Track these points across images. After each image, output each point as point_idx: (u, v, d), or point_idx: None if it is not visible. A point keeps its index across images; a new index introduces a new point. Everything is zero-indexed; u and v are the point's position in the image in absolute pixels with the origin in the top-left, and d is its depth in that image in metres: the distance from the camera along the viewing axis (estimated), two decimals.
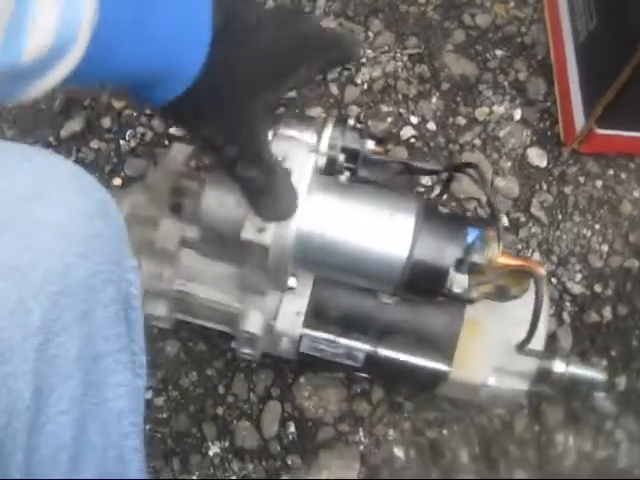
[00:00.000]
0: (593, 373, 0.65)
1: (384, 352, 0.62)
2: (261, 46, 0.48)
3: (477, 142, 0.83)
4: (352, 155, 0.56)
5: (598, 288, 0.79)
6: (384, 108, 0.84)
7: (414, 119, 0.84)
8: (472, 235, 0.56)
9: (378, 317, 0.62)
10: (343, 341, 0.62)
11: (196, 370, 0.76)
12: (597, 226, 0.81)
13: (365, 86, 0.86)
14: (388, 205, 0.56)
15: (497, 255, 0.56)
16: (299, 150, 0.54)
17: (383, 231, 0.55)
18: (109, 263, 0.37)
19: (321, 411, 0.74)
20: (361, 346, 0.62)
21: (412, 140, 0.83)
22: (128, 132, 0.82)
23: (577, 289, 0.79)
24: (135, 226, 0.61)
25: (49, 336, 0.33)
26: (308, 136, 0.55)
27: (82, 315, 0.35)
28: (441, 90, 0.86)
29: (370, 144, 0.56)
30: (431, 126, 0.84)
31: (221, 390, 0.75)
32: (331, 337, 0.62)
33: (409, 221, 0.55)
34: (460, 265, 0.55)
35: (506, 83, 0.86)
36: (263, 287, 0.60)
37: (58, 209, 0.34)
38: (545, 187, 0.82)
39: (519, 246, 0.79)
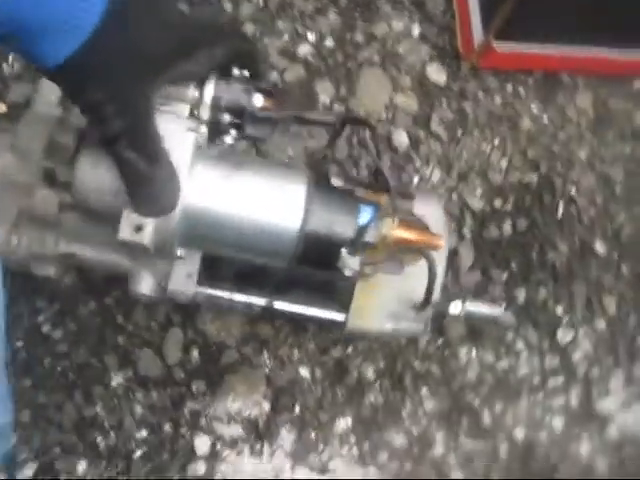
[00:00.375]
0: (490, 309, 0.75)
1: (280, 305, 0.69)
2: (169, 16, 0.52)
3: (376, 58, 0.93)
4: (238, 112, 0.57)
5: (498, 203, 0.92)
6: (281, 25, 0.93)
7: (311, 36, 0.93)
8: (365, 211, 0.59)
9: (272, 272, 0.67)
10: (238, 297, 0.69)
11: (94, 299, 0.84)
12: (496, 141, 0.94)
13: (261, 2, 0.94)
14: (277, 176, 0.59)
15: (392, 232, 0.60)
16: (177, 127, 0.56)
17: (274, 204, 0.58)
18: None
19: (224, 334, 0.84)
20: (257, 301, 0.69)
21: (309, 58, 0.92)
22: (11, 55, 0.89)
23: (477, 204, 0.91)
24: (9, 192, 0.65)
25: None
26: (186, 109, 0.57)
27: None
28: (339, 6, 0.95)
29: (257, 99, 0.57)
30: (329, 43, 0.93)
31: (120, 319, 0.84)
32: (226, 294, 0.69)
33: (300, 193, 0.59)
34: (352, 245, 0.59)
35: None
36: (150, 254, 0.62)
37: None
38: (445, 103, 0.93)
39: (418, 163, 0.94)
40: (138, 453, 0.82)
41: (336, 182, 0.61)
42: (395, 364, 0.88)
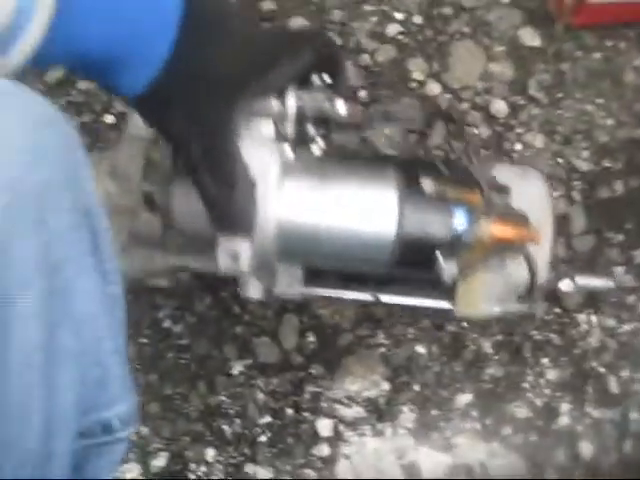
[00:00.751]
0: (602, 282, 0.73)
1: (386, 298, 0.69)
2: (239, 36, 0.51)
3: (466, 30, 0.92)
4: (323, 120, 0.58)
5: (607, 163, 0.89)
6: (367, 8, 0.93)
7: (399, 15, 0.94)
8: (459, 215, 0.58)
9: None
10: (344, 294, 0.69)
11: (210, 294, 0.88)
12: (600, 100, 0.91)
13: None
14: (368, 185, 0.59)
15: (488, 232, 0.59)
16: (262, 153, 0.57)
17: (366, 212, 0.59)
18: (61, 171, 0.41)
19: (338, 318, 0.86)
20: (363, 296, 0.69)
21: (399, 37, 0.93)
22: None
23: (585, 166, 0.89)
24: (114, 217, 0.62)
25: (4, 245, 0.38)
26: (269, 124, 0.58)
27: (38, 223, 0.39)
28: None
29: (341, 106, 0.57)
30: (417, 20, 0.93)
31: (237, 310, 0.88)
32: (332, 292, 0.69)
33: (392, 199, 0.58)
34: (448, 252, 0.58)
35: None
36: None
37: None
38: (542, 67, 0.91)
39: (520, 130, 0.92)
40: (263, 438, 0.85)
41: (427, 185, 0.60)
42: (512, 336, 0.87)
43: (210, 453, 0.84)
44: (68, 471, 0.47)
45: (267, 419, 0.85)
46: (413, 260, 0.60)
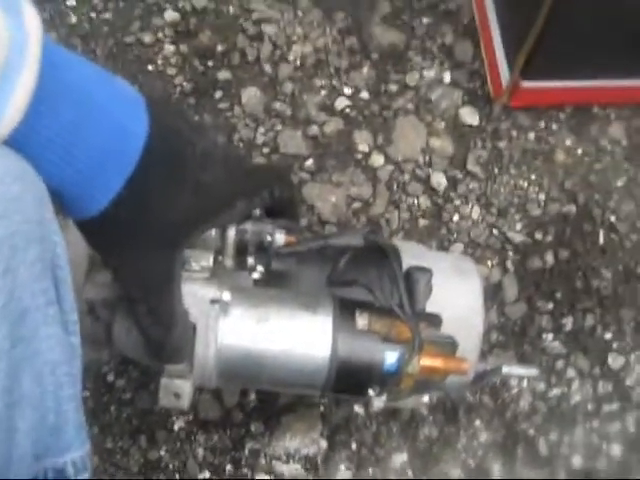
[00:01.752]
0: (526, 370, 0.76)
1: None
2: (194, 182, 0.52)
3: (410, 106, 0.99)
4: (262, 249, 0.62)
5: (539, 235, 0.95)
6: (317, 82, 1.00)
7: (347, 90, 1.00)
8: (389, 354, 0.62)
9: None
10: None
11: None
12: (533, 176, 0.97)
13: (298, 62, 1.01)
14: (305, 315, 0.63)
15: (417, 368, 0.61)
16: (202, 307, 0.60)
17: (304, 339, 0.62)
18: (30, 223, 0.42)
19: None
20: None
21: (347, 110, 0.98)
22: None
23: (518, 238, 0.94)
24: None
25: None
26: (210, 291, 0.61)
27: (4, 271, 0.41)
28: (372, 60, 1.01)
29: (280, 237, 0.62)
30: (364, 95, 1.00)
31: None
32: None
33: (327, 326, 0.62)
34: (378, 388, 0.63)
35: (434, 48, 1.02)
36: None
37: None
38: (479, 144, 0.98)
39: (458, 202, 0.99)
40: None
41: (361, 319, 0.63)
42: (446, 397, 0.90)
43: None
44: None
45: (206, 475, 0.87)
46: (346, 387, 0.64)
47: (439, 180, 0.96)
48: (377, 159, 0.97)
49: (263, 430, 0.89)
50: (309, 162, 0.96)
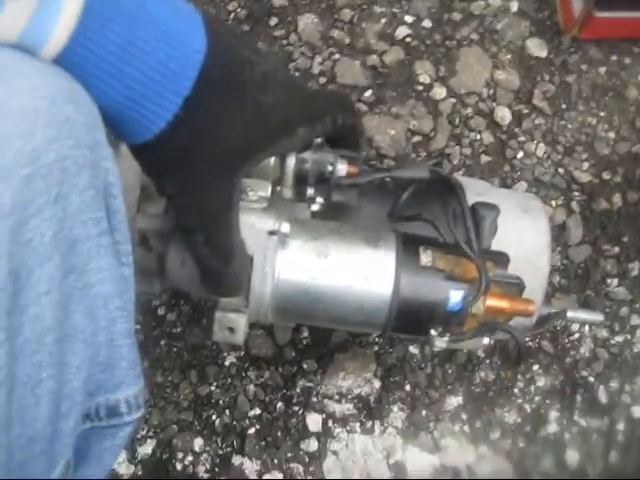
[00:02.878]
0: (591, 315, 0.73)
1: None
2: (253, 103, 0.49)
3: (474, 37, 0.94)
4: (323, 180, 0.58)
5: (606, 175, 0.90)
6: (377, 9, 0.95)
7: (409, 18, 0.95)
8: (455, 296, 0.59)
9: None
10: None
11: None
12: (602, 113, 0.92)
13: None
14: (367, 249, 0.60)
15: (482, 309, 0.59)
16: (259, 238, 0.58)
17: (364, 276, 0.60)
18: (82, 147, 0.41)
19: None
20: None
21: (408, 39, 0.94)
22: None
23: (585, 177, 0.90)
24: None
25: (22, 219, 0.38)
26: (269, 222, 0.58)
27: (56, 198, 0.39)
28: None
29: (342, 169, 0.58)
30: (426, 24, 0.95)
31: None
32: None
33: (390, 264, 0.60)
34: (441, 328, 0.60)
35: None
36: None
37: (21, 94, 0.38)
38: (547, 77, 0.93)
39: (522, 138, 0.94)
40: (252, 430, 0.85)
41: (425, 256, 0.61)
42: (505, 340, 0.88)
43: (198, 443, 0.85)
44: (71, 452, 0.47)
45: (257, 411, 0.86)
46: (407, 326, 0.62)
47: (503, 115, 0.92)
48: (439, 91, 0.92)
49: (316, 368, 0.87)
50: (367, 93, 0.93)
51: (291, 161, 0.58)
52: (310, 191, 0.59)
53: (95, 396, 0.48)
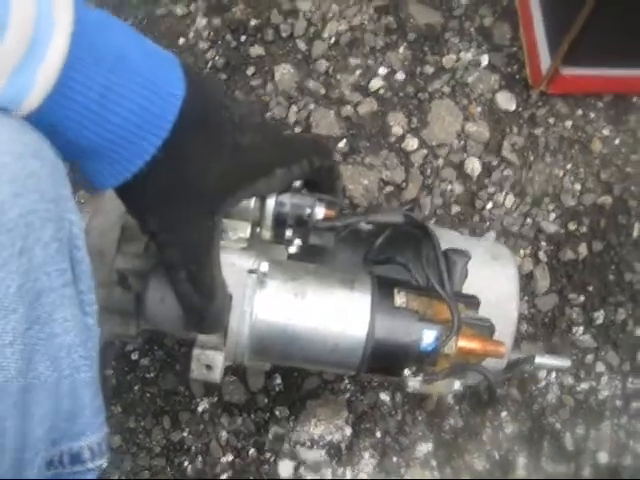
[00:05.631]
0: (558, 361, 0.74)
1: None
2: (232, 146, 0.51)
3: (446, 89, 0.95)
4: (301, 223, 0.59)
5: (572, 226, 0.92)
6: (352, 61, 0.96)
7: (382, 70, 0.96)
8: (428, 337, 0.60)
9: None
10: None
11: None
12: (569, 165, 0.94)
13: (332, 40, 0.98)
14: (343, 292, 0.61)
15: (454, 349, 0.60)
16: (239, 277, 0.58)
17: (340, 316, 0.61)
18: (46, 202, 0.42)
19: None
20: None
21: (381, 91, 0.95)
22: None
23: (552, 228, 0.92)
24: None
25: None
26: (248, 261, 0.59)
27: (20, 251, 0.40)
28: (408, 40, 0.98)
29: (320, 211, 0.59)
30: (400, 76, 0.96)
31: None
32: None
33: (365, 306, 0.60)
34: (414, 368, 0.61)
35: (472, 30, 0.98)
36: None
37: None
38: (515, 130, 0.94)
39: (492, 189, 0.96)
40: (224, 477, 0.85)
41: (399, 297, 0.62)
42: (474, 387, 0.89)
43: None
44: None
45: (229, 458, 0.86)
46: (381, 366, 0.62)
47: (473, 166, 0.93)
48: (411, 142, 0.94)
49: (288, 415, 0.87)
50: (341, 143, 0.94)
51: (270, 203, 0.58)
52: (288, 233, 0.60)
53: (58, 444, 0.48)
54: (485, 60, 0.98)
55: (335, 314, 0.61)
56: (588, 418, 0.89)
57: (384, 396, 0.88)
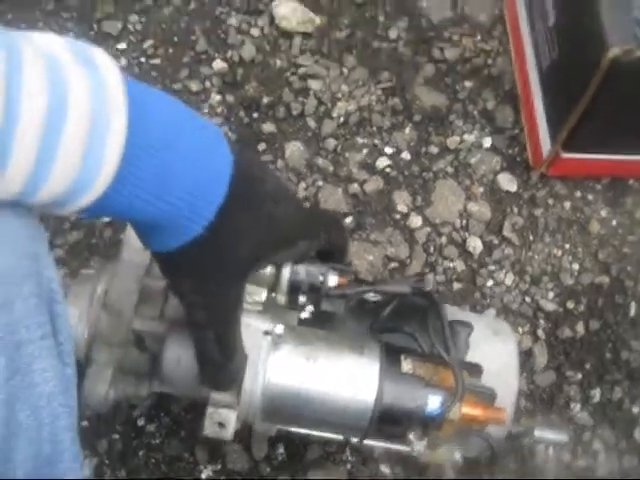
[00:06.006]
0: (557, 435, 0.76)
1: (354, 440, 0.70)
2: (267, 218, 0.53)
3: (449, 169, 1.00)
4: (314, 290, 0.62)
5: (570, 305, 0.95)
6: (360, 140, 1.01)
7: (389, 149, 1.01)
8: (432, 399, 0.63)
9: None
10: (315, 433, 0.71)
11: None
12: (567, 246, 0.98)
13: (341, 119, 1.02)
14: (352, 358, 0.65)
15: (458, 414, 0.63)
16: (254, 338, 0.62)
17: (349, 381, 0.64)
18: (25, 259, 0.44)
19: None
20: (334, 437, 0.72)
21: (387, 170, 0.99)
22: None
23: (550, 306, 0.95)
24: (104, 352, 0.68)
25: None
26: (264, 324, 0.63)
27: (2, 306, 0.42)
28: (414, 121, 1.02)
29: (332, 280, 0.62)
30: (405, 156, 1.00)
31: None
32: (307, 431, 0.71)
33: (373, 374, 0.64)
34: (419, 431, 0.64)
35: (475, 113, 1.03)
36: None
37: None
38: (516, 210, 0.98)
39: (492, 267, 0.99)
40: None
41: (405, 364, 0.65)
42: (474, 461, 0.90)
43: None
44: None
45: None
46: (388, 429, 0.65)
47: (475, 244, 0.96)
48: (415, 220, 0.97)
49: None
50: (348, 219, 0.97)
51: (287, 271, 0.61)
52: (302, 299, 0.63)
53: None
54: (488, 142, 1.02)
55: (345, 379, 0.64)
56: None
57: (384, 468, 0.89)
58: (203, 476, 0.88)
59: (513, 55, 1.06)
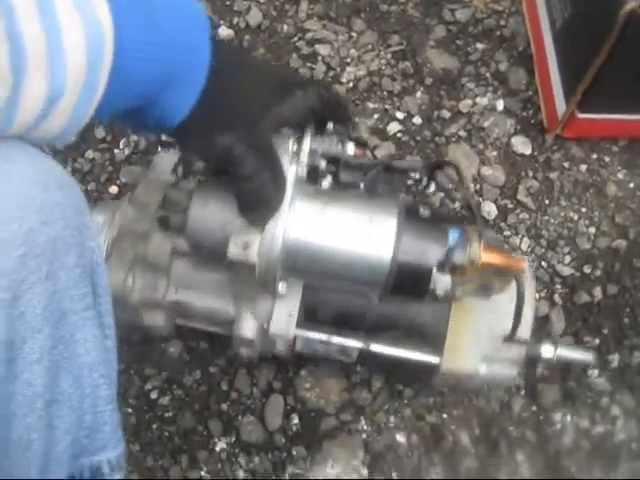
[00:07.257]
0: (581, 354, 0.76)
1: (376, 347, 0.73)
2: (260, 68, 0.59)
3: (462, 134, 0.97)
4: (333, 160, 0.64)
5: (587, 269, 0.93)
6: (370, 105, 0.98)
7: (400, 114, 0.98)
8: (453, 235, 0.64)
9: (368, 314, 0.71)
10: (335, 339, 0.73)
11: (199, 368, 0.88)
12: (583, 209, 0.95)
13: (351, 85, 0.99)
14: (369, 209, 0.64)
15: (479, 254, 0.63)
16: (283, 158, 0.62)
17: (366, 235, 0.63)
18: (70, 229, 0.45)
19: (323, 402, 0.87)
20: (353, 343, 0.73)
21: (399, 135, 0.97)
22: (122, 141, 0.98)
23: (567, 271, 0.93)
24: (127, 240, 0.72)
25: (16, 294, 0.41)
26: (289, 146, 0.63)
27: (47, 275, 0.43)
28: (425, 85, 1.00)
29: (350, 148, 0.64)
30: (417, 120, 0.98)
31: (224, 387, 0.88)
32: (324, 337, 0.73)
33: (391, 224, 0.63)
34: (442, 266, 0.63)
35: (488, 75, 1.00)
36: (254, 294, 0.69)
37: (16, 182, 0.42)
38: (531, 174, 0.96)
39: (507, 232, 0.97)
40: None
41: (424, 213, 0.66)
42: (490, 430, 0.89)
43: None
44: None
45: None
46: (408, 283, 0.65)
47: (489, 209, 0.94)
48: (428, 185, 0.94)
49: (304, 455, 0.87)
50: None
51: (307, 140, 0.63)
52: (322, 165, 0.64)
53: (79, 458, 0.51)
54: (501, 105, 0.99)
55: (364, 224, 0.64)
56: (604, 461, 0.88)
57: (400, 437, 0.88)
58: (217, 448, 0.87)
59: (526, 15, 1.03)
